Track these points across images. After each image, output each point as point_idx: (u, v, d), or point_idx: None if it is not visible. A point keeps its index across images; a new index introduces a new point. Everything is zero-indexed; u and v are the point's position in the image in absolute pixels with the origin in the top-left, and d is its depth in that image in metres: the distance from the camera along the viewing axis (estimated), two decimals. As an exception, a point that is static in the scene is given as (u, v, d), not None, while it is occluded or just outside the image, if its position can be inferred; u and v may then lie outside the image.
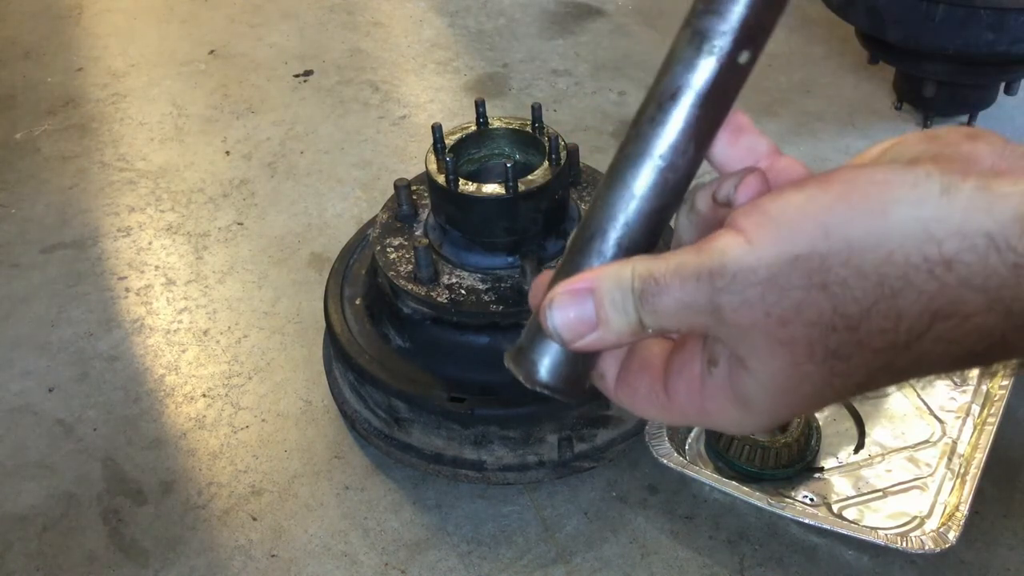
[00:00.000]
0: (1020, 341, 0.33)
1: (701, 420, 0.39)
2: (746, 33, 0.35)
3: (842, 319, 0.33)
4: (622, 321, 0.36)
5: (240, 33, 1.88)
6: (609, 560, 0.91)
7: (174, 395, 1.11)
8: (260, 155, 1.52)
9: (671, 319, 0.36)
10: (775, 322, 0.34)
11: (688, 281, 0.35)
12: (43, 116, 1.65)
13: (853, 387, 0.35)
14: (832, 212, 0.33)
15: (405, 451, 0.99)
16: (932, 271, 0.32)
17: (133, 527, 0.97)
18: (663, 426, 0.95)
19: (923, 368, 0.35)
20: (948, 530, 0.84)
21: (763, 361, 0.35)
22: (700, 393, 0.38)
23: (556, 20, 1.86)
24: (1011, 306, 0.32)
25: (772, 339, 0.34)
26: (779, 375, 0.35)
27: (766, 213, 0.34)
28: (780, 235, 0.33)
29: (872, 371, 0.35)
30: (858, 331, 0.33)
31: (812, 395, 0.36)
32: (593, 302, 0.37)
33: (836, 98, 1.59)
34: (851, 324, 0.33)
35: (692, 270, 0.35)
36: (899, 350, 0.34)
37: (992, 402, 0.97)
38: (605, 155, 1.44)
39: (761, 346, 0.34)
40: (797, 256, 0.33)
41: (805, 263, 0.33)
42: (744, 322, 0.34)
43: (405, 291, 0.95)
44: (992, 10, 1.22)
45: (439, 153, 0.96)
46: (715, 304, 0.34)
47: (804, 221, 0.33)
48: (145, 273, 1.30)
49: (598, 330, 0.37)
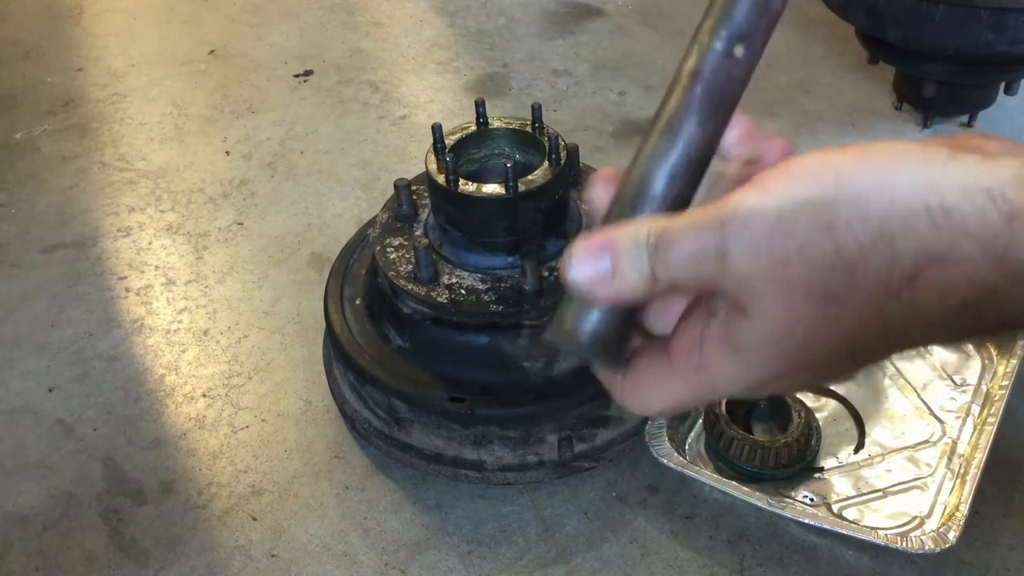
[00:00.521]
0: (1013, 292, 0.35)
1: (697, 379, 0.40)
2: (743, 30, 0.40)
3: (842, 260, 0.35)
4: (636, 275, 0.39)
5: (240, 33, 1.88)
6: (609, 560, 0.91)
7: (174, 395, 1.12)
8: (260, 155, 1.52)
9: (681, 270, 0.38)
10: (778, 262, 0.36)
11: (700, 231, 0.37)
12: (43, 116, 1.65)
13: (844, 339, 0.37)
14: (846, 165, 0.36)
15: (405, 451, 0.99)
16: (931, 217, 0.34)
17: (133, 527, 0.97)
18: (663, 426, 0.95)
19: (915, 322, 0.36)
20: (948, 530, 0.84)
21: (761, 304, 0.37)
22: (698, 349, 0.40)
23: (556, 20, 1.86)
24: (1003, 256, 0.34)
25: (772, 281, 0.36)
26: (774, 319, 0.37)
27: (785, 168, 0.37)
28: (794, 183, 0.36)
29: (864, 320, 0.36)
30: (855, 272, 0.35)
31: (804, 343, 0.37)
32: (610, 256, 0.39)
33: (836, 98, 1.59)
34: (849, 265, 0.35)
35: (704, 222, 0.37)
36: (891, 296, 0.35)
37: (992, 402, 0.97)
38: (605, 155, 1.43)
39: (760, 289, 0.36)
40: (807, 200, 0.35)
41: (814, 206, 0.35)
42: (748, 267, 0.36)
43: (405, 291, 0.95)
44: (992, 10, 1.22)
45: (439, 153, 0.96)
46: (722, 250, 0.36)
47: (818, 172, 0.36)
48: (145, 273, 1.30)
49: (614, 282, 0.39)
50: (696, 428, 1.00)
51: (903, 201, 0.35)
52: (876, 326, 0.37)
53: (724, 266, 0.36)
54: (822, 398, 1.03)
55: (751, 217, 0.36)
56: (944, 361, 1.05)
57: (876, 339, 0.37)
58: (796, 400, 0.97)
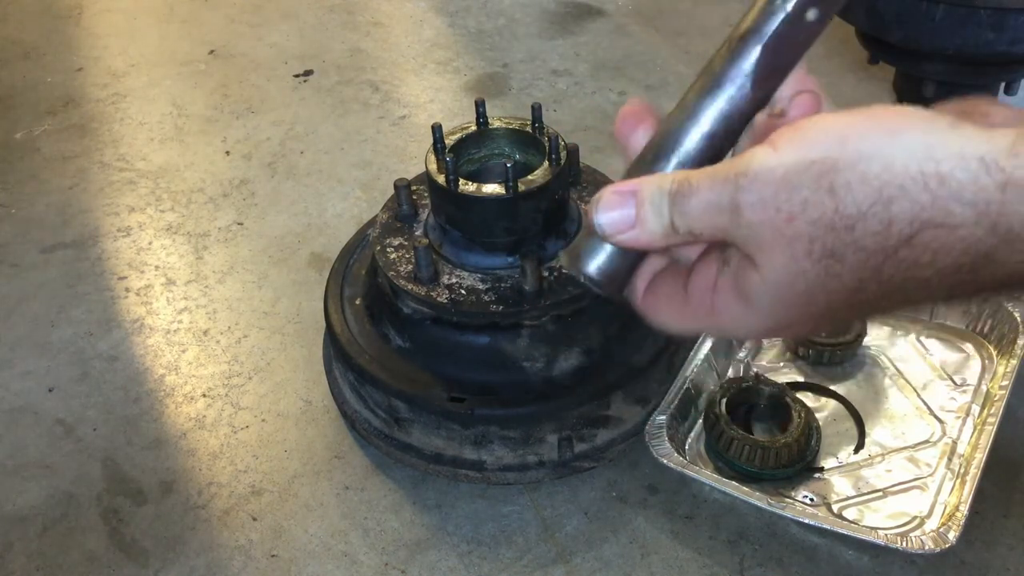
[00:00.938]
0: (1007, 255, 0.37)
1: (709, 319, 0.44)
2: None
3: (841, 219, 0.37)
4: (656, 222, 0.42)
5: (240, 33, 1.88)
6: (609, 560, 0.91)
7: (174, 395, 1.11)
8: (260, 155, 1.52)
9: (698, 220, 0.41)
10: (783, 218, 0.38)
11: (716, 183, 0.40)
12: (43, 116, 1.65)
13: (843, 293, 0.39)
14: (852, 128, 0.38)
15: (405, 451, 0.99)
16: (927, 184, 0.36)
17: (133, 527, 0.97)
18: (663, 426, 0.95)
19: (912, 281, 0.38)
20: (948, 530, 0.84)
21: (767, 257, 0.40)
22: (712, 291, 0.43)
23: (556, 20, 1.86)
24: (997, 220, 0.36)
25: (778, 234, 0.39)
26: (779, 272, 0.40)
27: (798, 129, 0.39)
28: (803, 143, 0.39)
29: (862, 277, 0.39)
30: (854, 231, 0.37)
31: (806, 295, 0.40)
32: (635, 203, 0.42)
33: (836, 98, 1.55)
34: (848, 224, 0.37)
35: (721, 175, 0.40)
36: (888, 254, 0.38)
37: (992, 402, 0.97)
38: (605, 155, 1.43)
39: (767, 243, 0.39)
40: (813, 161, 0.38)
41: (819, 167, 0.38)
42: (757, 219, 0.39)
43: (405, 291, 0.95)
44: (992, 10, 1.22)
45: (439, 153, 0.96)
46: (735, 202, 0.39)
47: (826, 134, 0.38)
48: (145, 273, 1.30)
49: (635, 228, 0.43)
50: (696, 428, 1.00)
51: (901, 166, 0.36)
52: (874, 283, 0.39)
53: (736, 218, 0.39)
54: (822, 398, 1.03)
55: (761, 174, 0.38)
56: (944, 361, 1.05)
57: (875, 294, 0.39)
58: (796, 400, 0.97)
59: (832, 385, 1.04)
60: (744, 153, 0.40)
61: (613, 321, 0.97)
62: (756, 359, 1.08)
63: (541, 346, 0.94)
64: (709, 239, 0.42)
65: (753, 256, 0.40)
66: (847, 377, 1.05)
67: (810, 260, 0.39)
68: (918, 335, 1.08)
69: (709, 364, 1.03)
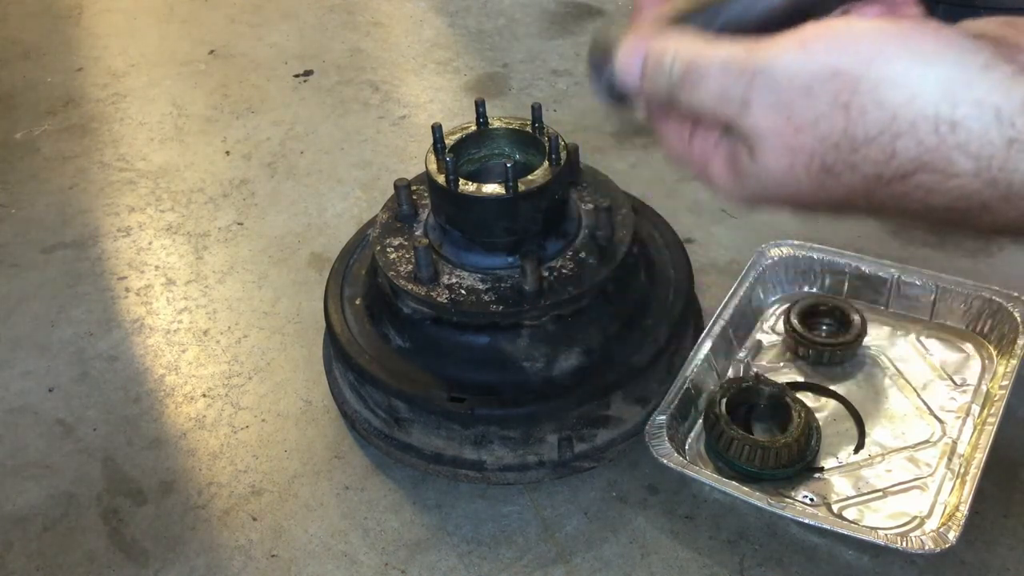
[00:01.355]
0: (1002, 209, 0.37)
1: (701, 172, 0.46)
2: None
3: (847, 140, 0.38)
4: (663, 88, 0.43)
5: (240, 33, 1.88)
6: (609, 560, 0.91)
7: (174, 395, 1.12)
8: (260, 155, 1.52)
9: (703, 104, 0.41)
10: (792, 128, 0.38)
11: (729, 74, 0.40)
12: (43, 116, 1.65)
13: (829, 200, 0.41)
14: (887, 45, 0.37)
15: (405, 451, 0.99)
16: (938, 128, 0.36)
17: (133, 527, 0.97)
18: (663, 426, 0.95)
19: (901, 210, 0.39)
20: (948, 530, 0.84)
21: (766, 155, 0.40)
22: (712, 149, 0.45)
23: (556, 20, 1.86)
24: (997, 176, 0.36)
25: (783, 143, 0.39)
26: (773, 170, 0.40)
27: (832, 27, 0.39)
28: (833, 46, 0.38)
29: (853, 195, 0.40)
30: (856, 153, 0.38)
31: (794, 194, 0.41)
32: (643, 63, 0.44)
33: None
34: (853, 147, 0.38)
35: (737, 65, 0.40)
36: (882, 183, 0.38)
37: (992, 402, 0.97)
38: (605, 155, 1.43)
39: (771, 146, 0.39)
40: (837, 72, 0.37)
41: (841, 80, 0.37)
42: (764, 123, 0.39)
43: (405, 291, 0.95)
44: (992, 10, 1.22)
45: (439, 153, 0.96)
46: (747, 99, 0.39)
47: (859, 42, 0.37)
48: (145, 273, 1.30)
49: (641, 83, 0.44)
50: (696, 428, 1.00)
51: (919, 102, 0.36)
52: (863, 200, 0.40)
53: (744, 114, 0.40)
54: (822, 398, 1.03)
55: (781, 79, 0.38)
56: (944, 361, 1.05)
57: (860, 207, 0.40)
58: (796, 400, 0.97)
59: (832, 385, 1.04)
60: (768, 44, 0.39)
61: (613, 321, 0.97)
62: (756, 359, 1.08)
63: (541, 346, 0.94)
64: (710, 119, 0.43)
65: (754, 149, 0.40)
66: (847, 377, 1.05)
67: (807, 172, 0.39)
68: (918, 335, 1.08)
69: (709, 364, 1.03)
